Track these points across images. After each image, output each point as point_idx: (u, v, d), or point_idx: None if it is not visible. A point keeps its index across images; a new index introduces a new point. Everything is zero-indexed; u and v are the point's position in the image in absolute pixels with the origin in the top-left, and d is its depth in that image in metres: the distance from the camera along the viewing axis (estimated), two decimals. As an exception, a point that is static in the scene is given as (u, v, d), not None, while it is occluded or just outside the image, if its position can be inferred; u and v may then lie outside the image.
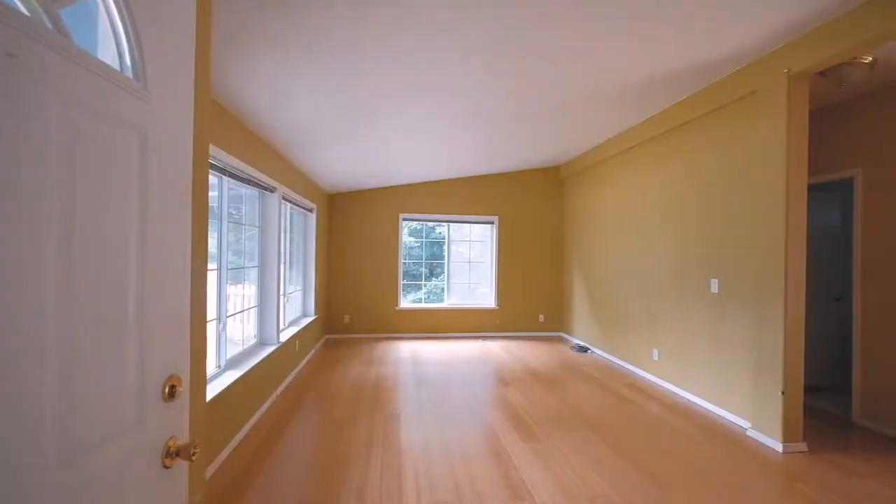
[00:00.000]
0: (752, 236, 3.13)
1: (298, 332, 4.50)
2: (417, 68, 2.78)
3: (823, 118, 3.65)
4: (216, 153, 2.63)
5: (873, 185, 3.28)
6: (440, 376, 4.44)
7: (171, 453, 0.87)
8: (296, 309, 5.15)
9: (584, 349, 5.70)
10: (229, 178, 2.96)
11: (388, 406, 3.57)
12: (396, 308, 6.48)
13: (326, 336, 6.32)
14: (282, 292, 4.26)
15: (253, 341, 3.61)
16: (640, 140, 4.51)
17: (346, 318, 6.38)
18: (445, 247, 6.78)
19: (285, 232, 4.50)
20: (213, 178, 2.86)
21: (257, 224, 3.72)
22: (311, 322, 5.16)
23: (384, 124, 3.82)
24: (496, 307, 6.65)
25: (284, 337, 4.02)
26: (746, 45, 2.85)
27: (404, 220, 6.62)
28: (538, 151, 5.64)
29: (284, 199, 4.19)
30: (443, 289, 6.81)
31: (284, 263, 4.45)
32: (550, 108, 3.83)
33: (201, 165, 1.12)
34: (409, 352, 5.54)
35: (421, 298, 6.97)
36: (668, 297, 4.15)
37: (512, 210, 6.71)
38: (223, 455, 2.65)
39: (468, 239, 6.88)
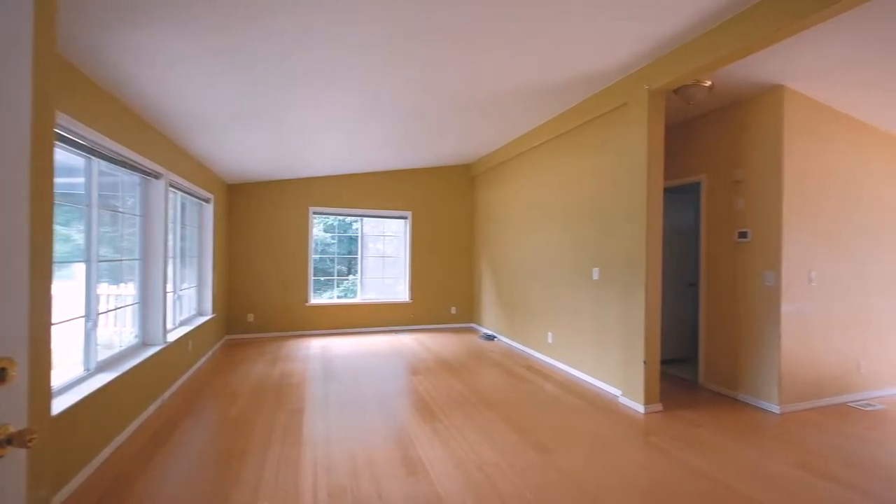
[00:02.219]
0: (623, 230, 3.60)
1: (191, 331, 4.18)
2: (320, 60, 2.75)
3: (679, 131, 4.30)
4: (83, 131, 2.36)
5: (713, 189, 3.95)
6: (350, 370, 4.43)
7: (1, 441, 0.82)
8: (189, 307, 4.75)
9: (491, 337, 6.05)
10: (100, 160, 2.67)
11: (292, 402, 3.48)
12: (307, 305, 6.28)
13: (227, 336, 5.92)
14: (170, 289, 3.93)
15: (134, 342, 3.29)
16: (539, 141, 4.90)
17: (250, 317, 6.03)
18: (359, 242, 6.72)
19: (175, 223, 4.14)
20: (78, 160, 2.56)
21: (139, 213, 3.38)
22: (207, 321, 4.80)
23: (290, 114, 3.69)
24: (410, 301, 6.76)
25: (173, 337, 3.71)
26: (617, 63, 3.27)
27: (315, 213, 6.43)
28: (449, 149, 5.85)
29: (173, 186, 3.86)
30: (361, 284, 6.74)
31: (174, 257, 4.10)
32: (453, 108, 4.01)
33: (43, 135, 1.03)
34: (320, 348, 5.42)
35: (338, 295, 6.83)
36: (561, 286, 4.58)
37: (426, 205, 6.86)
38: (98, 460, 2.40)
39: (383, 234, 6.89)
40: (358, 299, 6.67)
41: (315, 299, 6.47)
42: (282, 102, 3.41)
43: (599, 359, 3.95)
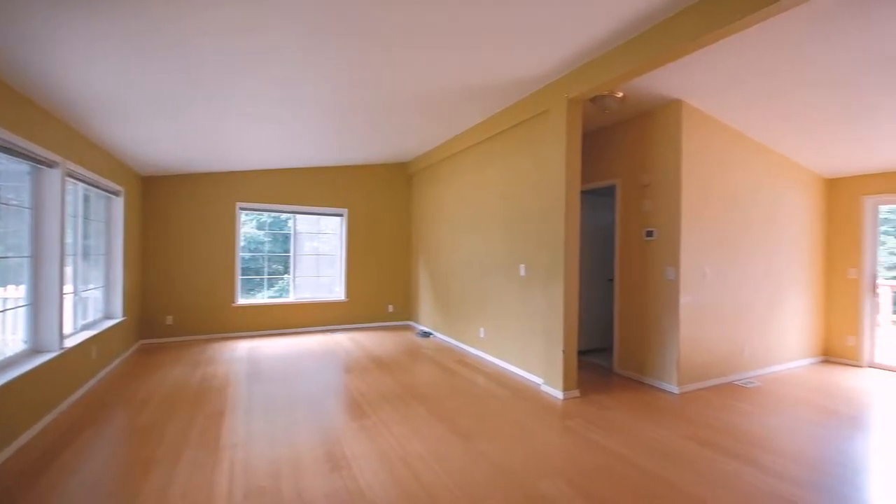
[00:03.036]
0: (545, 229, 3.83)
1: (96, 336, 3.82)
2: (238, 49, 2.64)
3: (597, 137, 4.65)
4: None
5: (626, 192, 4.32)
6: (278, 371, 4.28)
7: None
8: (95, 310, 4.34)
9: (427, 335, 6.13)
10: (-23, 145, 2.37)
11: (212, 406, 3.31)
12: (234, 305, 5.96)
13: (142, 341, 5.47)
14: (70, 290, 3.58)
15: (23, 348, 2.95)
16: (471, 143, 5.05)
17: (169, 320, 5.61)
18: (291, 239, 6.49)
19: (76, 217, 3.77)
20: (-52, 143, 2.26)
21: (28, 206, 3.03)
22: (116, 325, 4.41)
23: (210, 103, 3.50)
24: (346, 300, 6.66)
25: (72, 342, 3.37)
26: (541, 72, 3.47)
27: (243, 209, 6.12)
28: (384, 147, 5.84)
29: (72, 177, 3.51)
30: (296, 282, 6.51)
31: (74, 255, 3.73)
32: (385, 106, 4.03)
33: None
34: (247, 350, 5.18)
35: (272, 295, 6.54)
36: (492, 283, 4.76)
37: (362, 203, 6.79)
38: (-32, 488, 2.13)
39: (319, 232, 6.71)
40: (290, 299, 6.45)
41: (244, 299, 6.16)
42: (199, 91, 3.23)
43: (525, 350, 4.17)
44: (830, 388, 4.05)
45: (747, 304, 4.28)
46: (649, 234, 4.03)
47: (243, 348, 5.28)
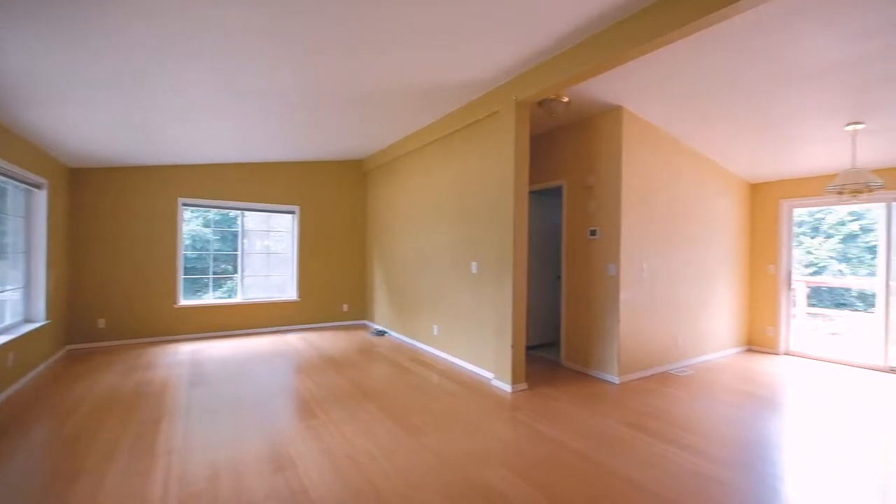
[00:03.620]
0: (496, 227, 3.93)
1: (12, 341, 3.50)
2: (176, 32, 2.52)
3: (546, 139, 4.83)
4: None
5: (572, 192, 4.52)
6: (223, 375, 4.11)
7: None
8: (13, 313, 3.97)
9: (381, 333, 6.10)
10: None
11: (148, 412, 3.13)
12: (176, 306, 5.65)
13: (70, 346, 5.06)
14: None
15: (-78, 356, 2.66)
16: (425, 142, 5.08)
17: (101, 323, 5.23)
18: (240, 237, 6.24)
19: (-11, 211, 3.44)
20: None
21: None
22: (38, 328, 4.06)
23: (153, 92, 3.30)
24: (298, 299, 6.49)
25: (-15, 347, 3.08)
26: (491, 74, 3.55)
27: (187, 205, 5.81)
28: (338, 144, 5.74)
29: (-15, 167, 3.20)
30: (244, 282, 6.25)
31: (-13, 252, 3.40)
32: (338, 104, 3.97)
33: None
34: (190, 353, 4.93)
35: (219, 295, 6.24)
36: (445, 280, 4.82)
37: (315, 200, 6.64)
38: None
39: (271, 229, 6.49)
40: (238, 299, 6.19)
41: (188, 300, 5.85)
42: (133, 76, 3.04)
43: (477, 346, 4.26)
44: (751, 374, 4.44)
45: (681, 299, 4.61)
46: (593, 232, 4.24)
47: (186, 352, 5.02)
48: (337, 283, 6.83)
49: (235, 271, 6.27)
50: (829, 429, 3.04)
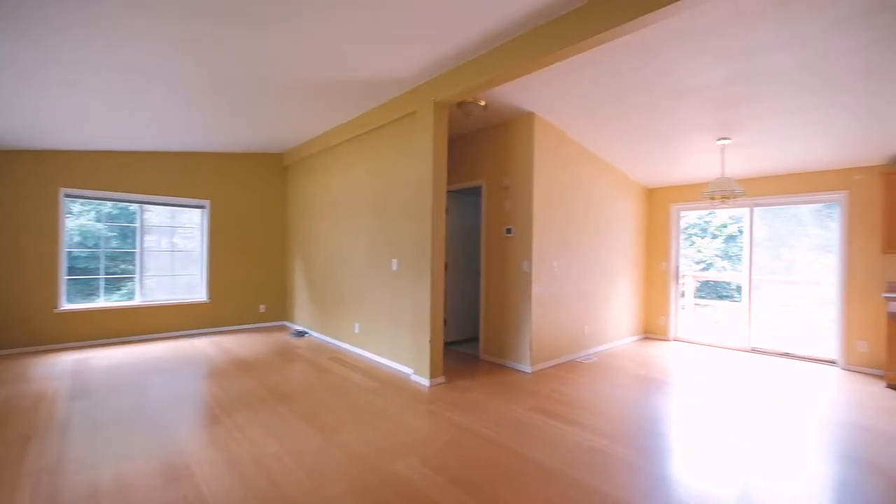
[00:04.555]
0: (415, 225, 3.99)
1: None
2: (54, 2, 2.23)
3: (466, 140, 4.99)
4: None
5: (490, 192, 4.72)
6: (113, 385, 3.71)
7: None
8: None
9: (302, 334, 5.88)
10: None
11: (15, 430, 2.73)
12: (57, 311, 4.97)
13: (-89, 361, 4.24)
14: None
15: None
16: (347, 137, 4.99)
17: (-43, 332, 4.45)
18: (138, 233, 5.64)
19: None
20: None
21: None
22: None
23: (25, 65, 2.87)
24: (208, 301, 6.03)
25: None
26: (410, 73, 3.60)
27: (70, 197, 5.14)
28: (255, 135, 5.43)
29: None
30: (144, 283, 5.65)
31: None
32: (253, 92, 3.77)
33: None
34: (74, 363, 4.37)
35: (120, 298, 5.56)
36: (366, 278, 4.78)
37: (229, 194, 6.21)
38: None
39: (174, 225, 5.94)
40: (137, 301, 5.61)
41: (74, 304, 5.17)
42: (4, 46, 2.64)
43: (397, 343, 4.28)
44: (645, 358, 4.96)
45: (587, 292, 5.02)
46: (509, 231, 4.46)
47: (69, 361, 4.44)
48: (253, 282, 6.45)
49: (137, 271, 5.66)
50: (702, 401, 3.51)
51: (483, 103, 4.08)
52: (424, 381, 3.77)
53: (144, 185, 5.53)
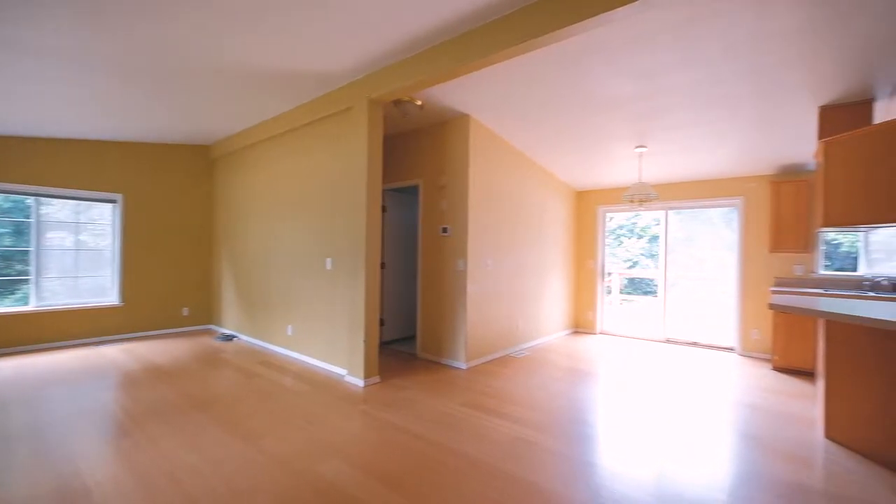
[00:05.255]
0: (349, 224, 3.92)
1: None
2: None
3: (404, 139, 4.99)
4: None
5: (427, 191, 4.75)
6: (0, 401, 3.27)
7: None
8: None
9: (230, 338, 5.55)
10: None
11: None
12: (-74, 319, 4.28)
13: None
14: None
15: None
16: (280, 131, 4.78)
17: None
18: (33, 229, 5.01)
19: None
20: None
21: None
22: None
23: None
24: (121, 304, 5.50)
25: None
26: (343, 69, 3.53)
27: (-55, 187, 4.45)
28: (178, 124, 5.03)
29: None
30: (40, 285, 5.01)
31: None
32: (174, 78, 3.49)
33: None
34: (-52, 379, 3.80)
35: (13, 303, 4.88)
36: (300, 277, 4.61)
37: (146, 188, 5.70)
38: None
39: (80, 221, 5.34)
40: (31, 307, 4.98)
41: (-54, 311, 4.48)
42: None
43: (331, 344, 4.18)
44: (573, 351, 5.26)
45: (521, 290, 5.22)
46: (444, 230, 4.52)
47: (-59, 377, 3.85)
48: (175, 284, 5.98)
49: (38, 273, 5.02)
50: (622, 389, 3.79)
51: (419, 103, 4.10)
52: (358, 382, 3.72)
53: (42, 176, 4.93)
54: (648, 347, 5.57)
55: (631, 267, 11.44)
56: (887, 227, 3.18)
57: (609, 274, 6.62)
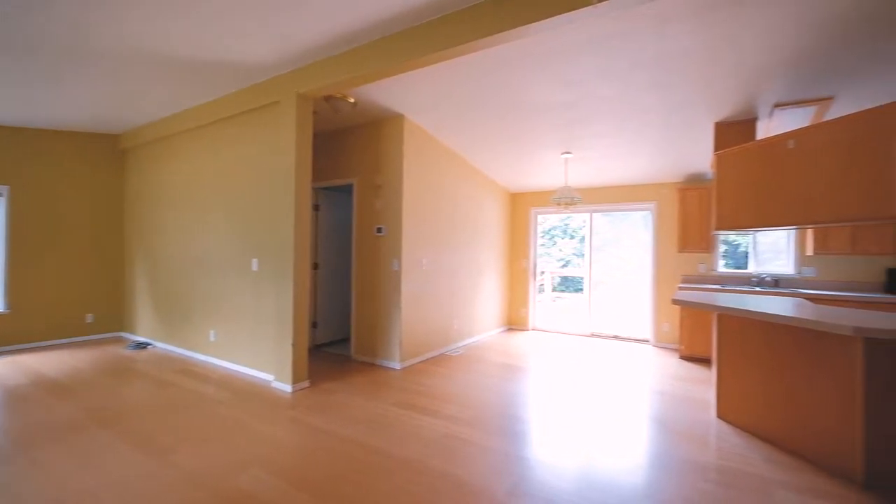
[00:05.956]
0: (277, 222, 3.75)
1: None
2: None
3: (338, 136, 4.87)
4: None
5: (362, 190, 4.68)
6: None
7: None
8: None
9: (143, 345, 5.09)
10: None
11: None
12: None
13: None
14: None
15: None
16: (204, 122, 4.44)
17: None
18: None
19: None
20: None
21: None
22: None
23: None
24: (6, 311, 4.82)
25: None
26: (272, 61, 3.37)
27: None
28: (78, 109, 4.50)
29: None
30: None
31: None
32: (67, 57, 3.12)
33: None
34: None
35: None
36: (224, 279, 4.34)
37: (39, 179, 5.05)
38: None
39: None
40: None
41: None
42: None
43: (257, 349, 3.99)
44: (506, 347, 5.46)
45: (457, 289, 5.31)
46: (379, 230, 4.49)
47: None
48: (76, 287, 5.36)
49: None
50: (549, 382, 3.99)
51: (353, 100, 4.02)
52: (286, 387, 3.58)
53: None
54: (575, 342, 5.92)
55: (563, 266, 12.09)
56: (770, 230, 3.65)
57: (542, 273, 6.94)
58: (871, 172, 2.41)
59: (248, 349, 4.08)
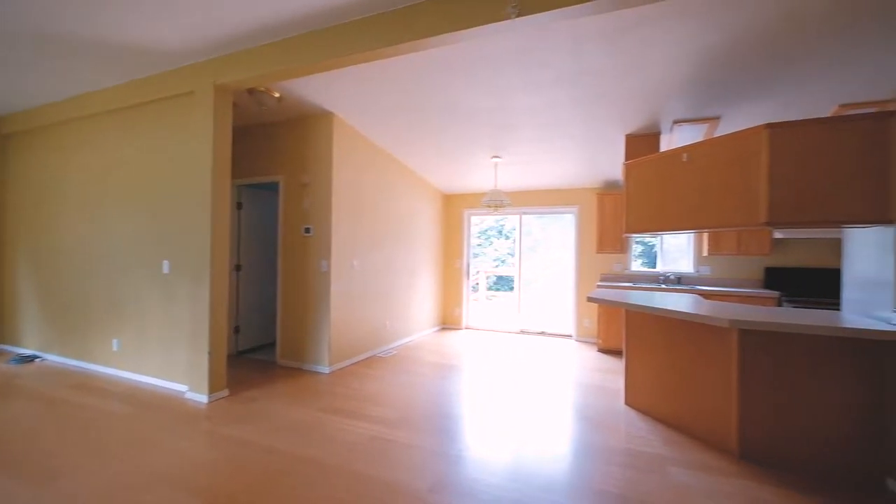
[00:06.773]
0: (193, 222, 3.50)
1: None
2: None
3: (262, 132, 4.64)
4: None
5: (288, 189, 4.50)
6: None
7: None
8: None
9: (29, 359, 4.47)
10: None
11: None
12: None
13: None
14: None
15: None
16: (107, 108, 3.99)
17: None
18: None
19: None
20: None
21: None
22: None
23: None
24: None
25: None
26: (184, 47, 3.13)
27: None
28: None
29: None
30: None
31: None
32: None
33: None
34: None
35: None
36: (129, 282, 3.95)
37: None
38: None
39: None
40: None
41: None
42: None
43: (168, 359, 3.68)
44: (439, 347, 5.53)
45: (389, 290, 5.29)
46: (307, 230, 4.34)
47: None
48: (-59, 294, 4.58)
49: None
50: (479, 379, 4.11)
51: (277, 95, 3.86)
52: (202, 398, 3.35)
53: None
54: (506, 339, 6.16)
55: (498, 266, 12.48)
56: (671, 233, 4.06)
57: (477, 272, 7.13)
58: (743, 184, 2.78)
59: (158, 359, 3.75)
